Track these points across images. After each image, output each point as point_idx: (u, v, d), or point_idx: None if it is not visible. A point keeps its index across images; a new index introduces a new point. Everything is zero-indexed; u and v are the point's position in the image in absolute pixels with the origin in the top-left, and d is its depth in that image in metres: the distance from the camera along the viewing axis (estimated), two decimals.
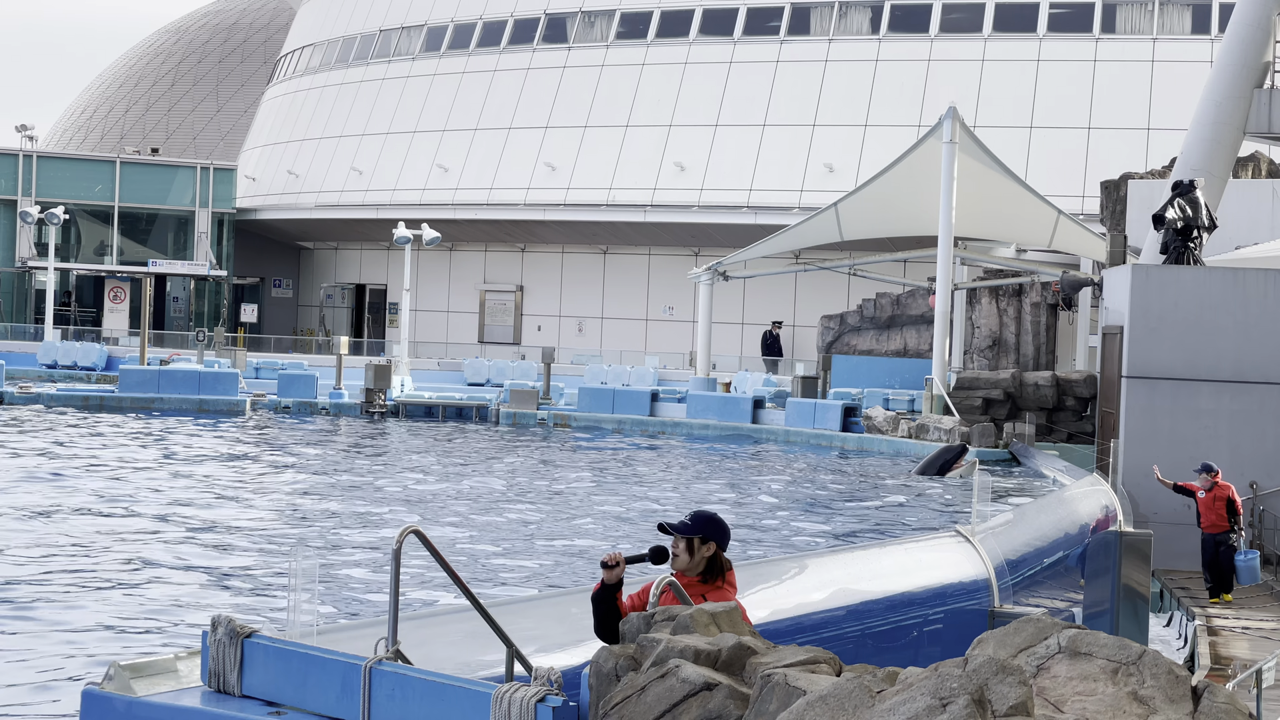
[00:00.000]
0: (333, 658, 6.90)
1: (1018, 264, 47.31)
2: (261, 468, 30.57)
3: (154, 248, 75.38)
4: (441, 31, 70.41)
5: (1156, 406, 22.72)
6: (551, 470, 32.54)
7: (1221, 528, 18.97)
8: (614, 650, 6.31)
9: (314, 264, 78.53)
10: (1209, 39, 55.80)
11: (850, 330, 52.45)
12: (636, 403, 44.20)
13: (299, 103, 76.74)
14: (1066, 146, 56.85)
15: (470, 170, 66.63)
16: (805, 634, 9.37)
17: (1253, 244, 32.24)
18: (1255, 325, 22.50)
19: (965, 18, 59.76)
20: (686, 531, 7.33)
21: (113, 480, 26.90)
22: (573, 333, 67.75)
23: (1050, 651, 5.91)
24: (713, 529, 7.35)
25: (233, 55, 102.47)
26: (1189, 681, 5.72)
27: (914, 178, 42.69)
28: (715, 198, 61.09)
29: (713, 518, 7.41)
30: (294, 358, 58.58)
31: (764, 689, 5.77)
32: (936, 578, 11.81)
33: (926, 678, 5.40)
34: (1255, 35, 29.43)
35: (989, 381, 38.80)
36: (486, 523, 23.50)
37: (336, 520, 23.19)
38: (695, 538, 7.32)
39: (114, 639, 14.64)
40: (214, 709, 7.07)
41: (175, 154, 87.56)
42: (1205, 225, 24.57)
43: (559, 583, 18.40)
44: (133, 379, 43.90)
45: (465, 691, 6.49)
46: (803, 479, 32.61)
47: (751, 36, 62.63)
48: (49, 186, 71.99)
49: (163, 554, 19.55)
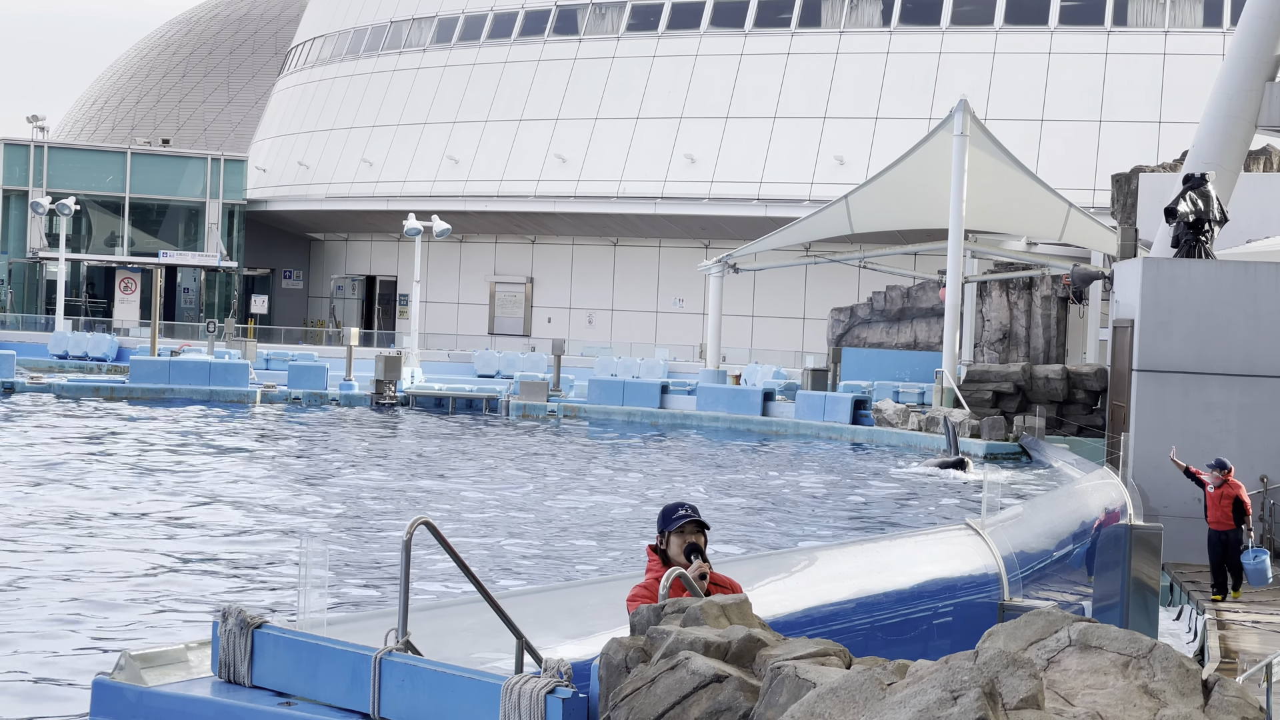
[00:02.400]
0: (343, 648, 6.90)
1: (1028, 257, 47.26)
2: (272, 458, 30.60)
3: (164, 239, 75.48)
4: (452, 23, 70.41)
5: (1167, 400, 22.69)
6: (562, 461, 32.55)
7: (1226, 525, 18.90)
8: (624, 642, 6.31)
9: (324, 255, 78.60)
10: (1221, 32, 55.69)
11: (860, 323, 52.42)
12: (646, 395, 44.19)
13: (310, 94, 76.77)
14: (1077, 139, 56.78)
15: (481, 162, 66.64)
16: (815, 626, 9.36)
17: (1264, 238, 32.19)
18: (1266, 319, 22.47)
19: (976, 10, 59.67)
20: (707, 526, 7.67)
21: (122, 470, 26.94)
22: (583, 324, 67.77)
23: (1061, 645, 5.90)
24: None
25: (244, 46, 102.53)
26: (1200, 675, 5.72)
27: (924, 170, 42.65)
28: (726, 190, 61.08)
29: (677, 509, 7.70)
30: (304, 349, 58.65)
31: (774, 681, 5.77)
32: (946, 570, 11.79)
33: (937, 670, 5.40)
34: (1267, 28, 29.37)
35: (999, 374, 38.77)
36: (497, 514, 23.51)
37: (347, 510, 23.22)
38: (704, 535, 7.58)
39: (124, 629, 14.66)
40: (224, 699, 7.08)
41: (186, 145, 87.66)
42: (1216, 219, 24.53)
43: (569, 574, 18.41)
44: (143, 370, 43.96)
45: (475, 682, 6.49)
46: (811, 472, 32.61)
47: (762, 29, 62.58)
48: (60, 177, 72.11)
49: (174, 544, 19.58)
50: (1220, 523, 18.96)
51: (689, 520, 7.52)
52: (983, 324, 48.77)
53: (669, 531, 7.55)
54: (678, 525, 7.53)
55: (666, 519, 7.58)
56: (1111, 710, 5.56)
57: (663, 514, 7.63)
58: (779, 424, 41.76)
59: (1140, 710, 5.55)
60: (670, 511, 7.60)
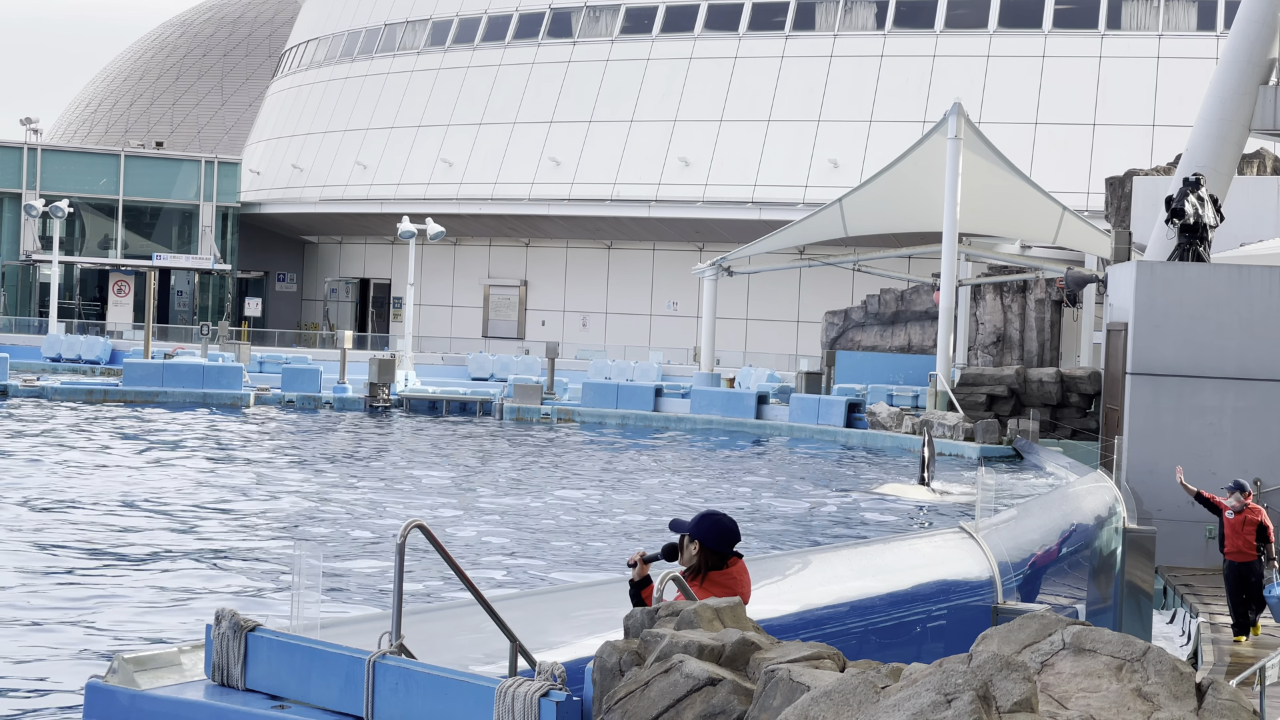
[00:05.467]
0: (337, 651, 6.90)
1: (1022, 260, 47.29)
2: (265, 461, 30.58)
3: (158, 241, 75.41)
4: (446, 26, 70.40)
5: (1161, 403, 22.71)
6: (556, 465, 32.54)
7: (1249, 556, 16.53)
8: (618, 645, 6.31)
9: (318, 258, 78.56)
10: (1214, 35, 55.75)
11: (854, 326, 52.42)
12: (640, 398, 44.18)
13: (304, 97, 76.74)
14: (1071, 142, 56.82)
15: (475, 165, 66.63)
16: (809, 629, 9.36)
17: (1258, 241, 32.22)
18: (1260, 322, 22.49)
19: (970, 13, 59.72)
20: (678, 530, 7.61)
21: (116, 473, 26.92)
22: (577, 328, 67.76)
23: (1054, 648, 5.90)
24: (699, 528, 7.56)
25: (238, 49, 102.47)
26: (1193, 678, 5.72)
27: (919, 173, 42.67)
28: (720, 193, 61.08)
29: (704, 516, 7.64)
30: (298, 352, 58.60)
31: (768, 684, 5.76)
32: (940, 574, 11.80)
33: (931, 674, 5.40)
34: (1261, 32, 29.40)
35: (993, 378, 38.78)
36: (491, 517, 23.50)
37: (341, 514, 23.20)
38: (684, 535, 7.56)
39: (118, 632, 14.65)
40: (217, 702, 7.07)
41: (180, 148, 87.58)
42: (1212, 224, 24.58)
43: (564, 577, 18.40)
44: (137, 373, 43.92)
45: (469, 686, 6.49)
46: (800, 473, 32.61)
47: (756, 31, 62.60)
48: (53, 180, 72.02)
49: (167, 547, 19.56)
50: (1242, 553, 16.56)
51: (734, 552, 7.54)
52: (976, 327, 48.79)
53: (713, 548, 7.54)
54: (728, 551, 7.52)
55: (723, 540, 7.54)
56: (1105, 714, 5.56)
57: (722, 530, 7.56)
58: (773, 427, 41.76)
59: (1134, 714, 5.55)
60: (730, 535, 7.55)
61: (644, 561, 7.54)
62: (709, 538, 7.52)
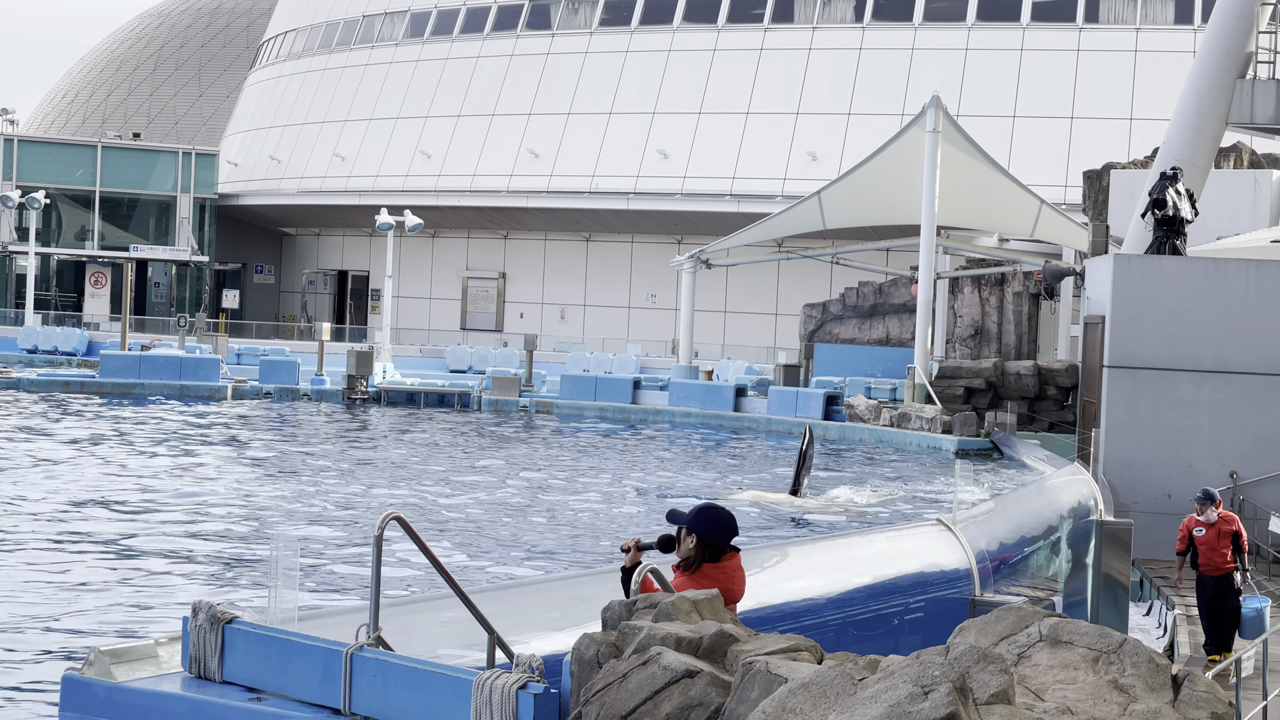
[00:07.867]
0: (314, 644, 6.89)
1: (1000, 253, 47.36)
2: (242, 453, 30.51)
3: (135, 233, 75.15)
4: (425, 17, 70.26)
5: (1138, 396, 22.77)
6: (534, 457, 32.53)
7: (1228, 566, 15.56)
8: (596, 637, 6.31)
9: (296, 250, 78.37)
10: (1192, 29, 55.88)
11: (833, 319, 52.47)
12: (619, 390, 44.18)
13: (282, 88, 76.54)
14: (1049, 136, 56.92)
15: (453, 157, 66.52)
16: (787, 622, 9.38)
17: (1234, 234, 32.33)
18: (1236, 315, 22.56)
19: (949, 6, 59.78)
20: (675, 522, 7.58)
21: (93, 465, 26.84)
22: (555, 320, 67.72)
23: (1031, 640, 5.92)
24: (696, 521, 7.53)
25: (215, 39, 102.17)
26: (1169, 670, 5.74)
27: (897, 166, 42.71)
28: (698, 186, 61.08)
29: (702, 510, 7.62)
30: (276, 344, 58.47)
31: (745, 676, 5.77)
32: (918, 566, 11.83)
33: (908, 666, 5.41)
34: (1238, 26, 29.48)
35: (971, 370, 38.86)
36: (468, 509, 23.48)
37: (318, 505, 23.17)
38: (682, 528, 7.53)
39: (94, 624, 14.60)
40: (194, 694, 7.05)
41: (157, 139, 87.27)
42: (1188, 216, 24.65)
43: (542, 568, 18.39)
44: (114, 364, 43.78)
45: (446, 678, 6.48)
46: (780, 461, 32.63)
47: (735, 24, 62.58)
48: (30, 171, 71.72)
49: (143, 539, 19.51)
50: (1220, 568, 15.57)
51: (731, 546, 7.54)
52: (955, 320, 48.86)
53: (709, 541, 7.52)
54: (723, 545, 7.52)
55: (720, 534, 7.53)
56: (1082, 705, 5.57)
57: (719, 524, 7.53)
58: (751, 420, 41.78)
59: (1110, 705, 5.57)
60: (727, 529, 7.53)
61: (638, 549, 7.56)
62: (706, 531, 7.50)
